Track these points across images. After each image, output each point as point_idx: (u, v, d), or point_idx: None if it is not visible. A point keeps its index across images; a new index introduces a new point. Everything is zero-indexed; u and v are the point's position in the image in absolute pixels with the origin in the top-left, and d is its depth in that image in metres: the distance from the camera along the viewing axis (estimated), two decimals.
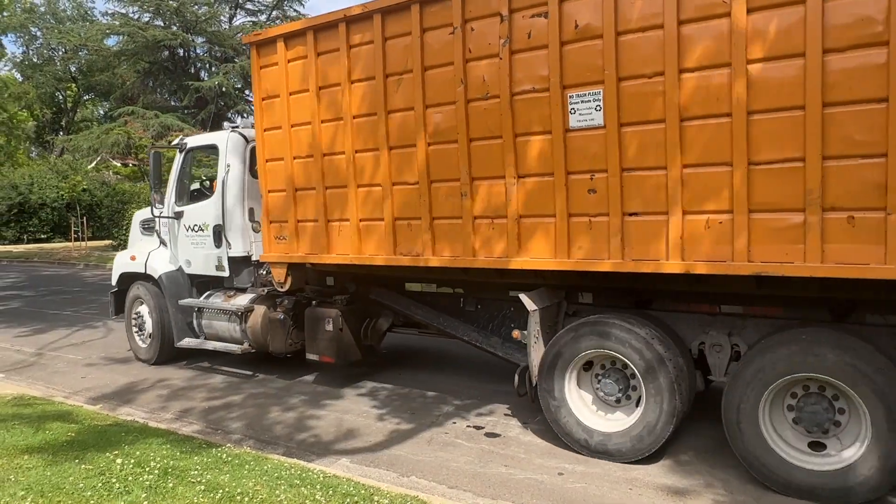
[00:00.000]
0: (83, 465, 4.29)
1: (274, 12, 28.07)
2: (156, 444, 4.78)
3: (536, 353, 5.05)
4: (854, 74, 3.66)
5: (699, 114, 4.08)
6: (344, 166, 5.74)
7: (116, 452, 4.52)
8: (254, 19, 28.18)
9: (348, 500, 3.83)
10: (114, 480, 4.02)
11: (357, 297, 6.91)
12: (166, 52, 28.33)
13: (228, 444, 4.98)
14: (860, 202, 3.70)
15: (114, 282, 8.53)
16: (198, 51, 41.83)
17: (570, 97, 4.52)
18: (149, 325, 8.04)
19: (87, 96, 41.27)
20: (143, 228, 8.52)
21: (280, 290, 6.69)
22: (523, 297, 5.08)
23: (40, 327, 10.78)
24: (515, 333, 5.42)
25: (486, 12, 4.79)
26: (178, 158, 7.97)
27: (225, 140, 7.38)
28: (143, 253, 8.17)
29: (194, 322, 7.76)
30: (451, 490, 4.32)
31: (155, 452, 4.56)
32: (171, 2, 24.69)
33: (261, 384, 7.07)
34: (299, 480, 4.10)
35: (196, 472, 4.19)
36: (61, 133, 41.97)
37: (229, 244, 7.31)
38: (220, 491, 3.88)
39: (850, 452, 3.97)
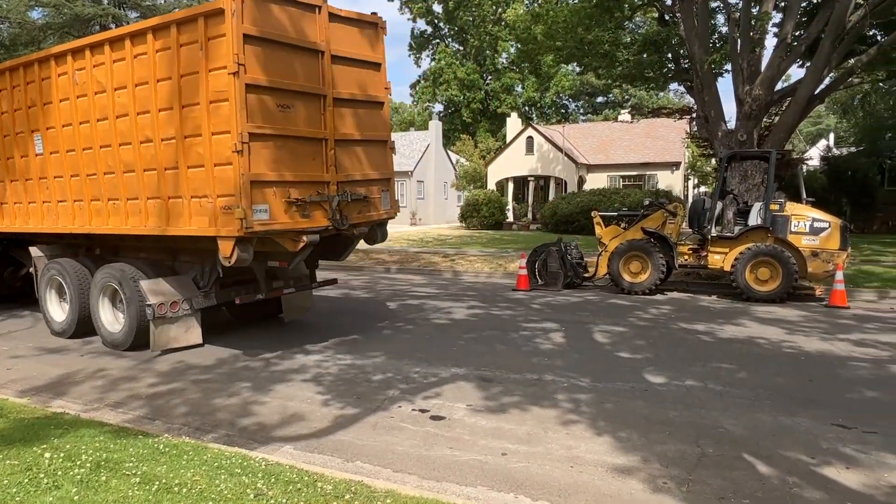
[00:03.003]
0: (8, 461, 4.09)
1: None
2: (88, 437, 4.59)
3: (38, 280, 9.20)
4: None
5: (60, 149, 8.23)
6: None
7: (45, 446, 4.33)
8: None
9: (291, 487, 3.78)
10: (42, 476, 3.85)
11: (3, 253, 10.76)
12: (97, 28, 26.87)
13: (166, 434, 4.84)
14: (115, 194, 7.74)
15: None
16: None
17: (35, 137, 8.58)
18: None
19: None
20: None
21: None
22: (32, 249, 9.42)
23: None
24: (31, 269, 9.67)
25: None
26: None
27: None
28: None
29: None
30: (396, 474, 4.32)
31: (87, 445, 4.39)
32: None
33: (206, 371, 6.89)
34: (240, 469, 4.02)
35: (131, 464, 4.06)
36: None
37: None
38: (157, 483, 3.77)
39: (123, 322, 8.02)
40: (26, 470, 3.95)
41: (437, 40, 62.49)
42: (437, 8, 58.54)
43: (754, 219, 11.56)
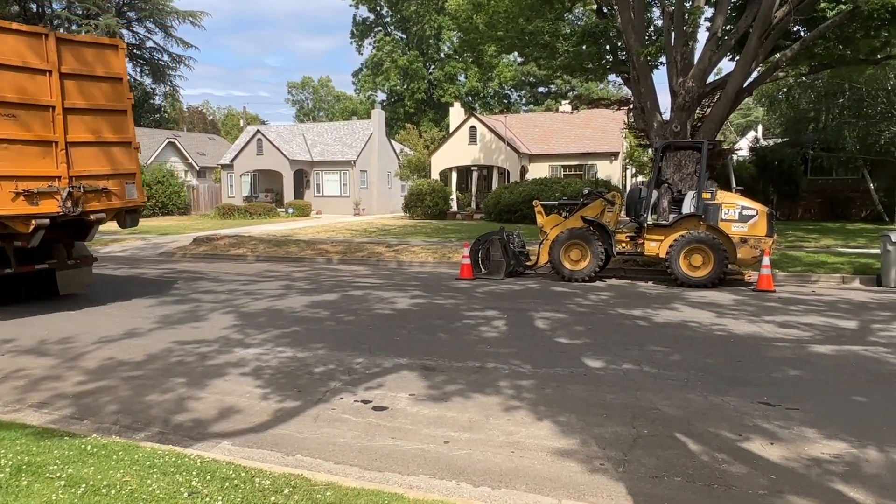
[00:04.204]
0: None
1: None
2: (8, 440, 4.34)
3: None
4: None
5: None
6: None
7: None
8: None
9: (227, 483, 3.68)
10: None
11: None
12: (16, 7, 25.33)
13: (95, 434, 4.62)
14: None
15: None
16: (55, 6, 37.87)
17: None
18: None
19: None
20: None
21: None
22: None
23: None
24: None
25: None
26: None
27: None
28: None
29: None
30: (337, 466, 4.28)
31: (7, 449, 4.14)
32: None
33: (138, 367, 6.62)
34: (174, 468, 3.88)
35: (56, 466, 3.86)
36: None
37: None
38: (84, 485, 3.60)
39: None
40: None
41: (380, 28, 61.79)
42: None
43: (687, 207, 11.97)
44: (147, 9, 45.43)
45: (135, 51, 48.80)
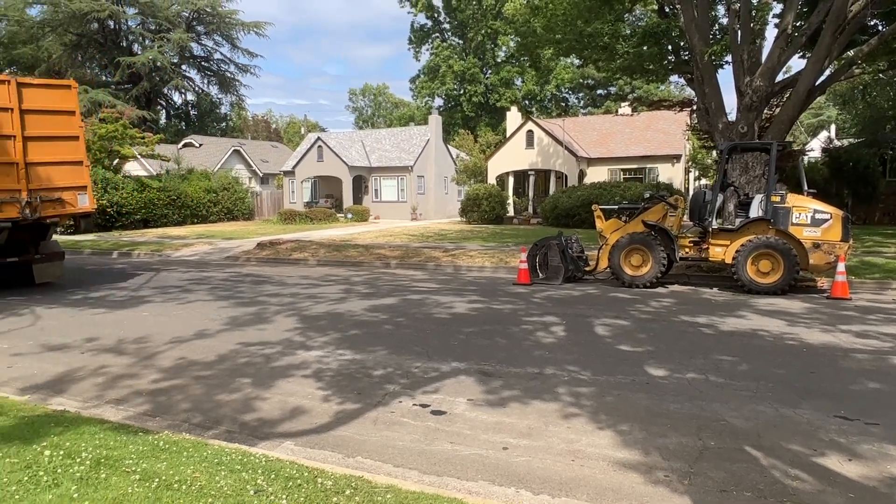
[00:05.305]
0: (8, 459, 4.08)
1: None
2: (88, 434, 4.59)
3: None
4: None
5: None
6: None
7: (45, 444, 4.32)
8: None
9: (291, 483, 3.78)
10: (41, 473, 3.84)
11: None
12: (95, 24, 26.76)
13: (167, 431, 4.83)
14: None
15: None
16: (129, 23, 39.95)
17: None
18: None
19: (10, 70, 38.87)
20: None
21: None
22: None
23: None
24: None
25: None
26: None
27: None
28: None
29: None
30: (396, 469, 4.32)
31: (87, 443, 4.38)
32: None
33: (208, 367, 6.89)
34: (240, 465, 4.01)
35: (131, 461, 4.05)
36: None
37: None
38: (157, 479, 3.76)
39: None
40: (26, 468, 3.94)
41: (437, 34, 62.33)
42: (437, 1, 58.39)
43: (755, 211, 11.53)
44: (214, 22, 47.34)
45: (202, 63, 50.90)
